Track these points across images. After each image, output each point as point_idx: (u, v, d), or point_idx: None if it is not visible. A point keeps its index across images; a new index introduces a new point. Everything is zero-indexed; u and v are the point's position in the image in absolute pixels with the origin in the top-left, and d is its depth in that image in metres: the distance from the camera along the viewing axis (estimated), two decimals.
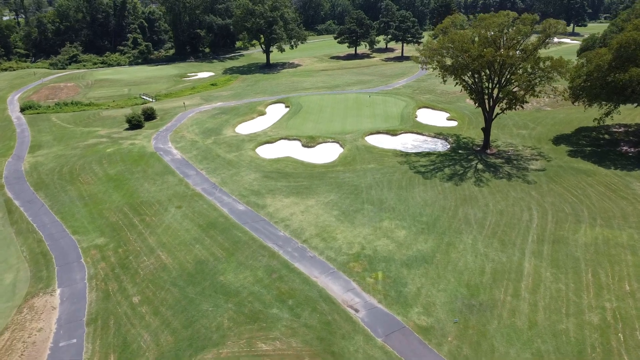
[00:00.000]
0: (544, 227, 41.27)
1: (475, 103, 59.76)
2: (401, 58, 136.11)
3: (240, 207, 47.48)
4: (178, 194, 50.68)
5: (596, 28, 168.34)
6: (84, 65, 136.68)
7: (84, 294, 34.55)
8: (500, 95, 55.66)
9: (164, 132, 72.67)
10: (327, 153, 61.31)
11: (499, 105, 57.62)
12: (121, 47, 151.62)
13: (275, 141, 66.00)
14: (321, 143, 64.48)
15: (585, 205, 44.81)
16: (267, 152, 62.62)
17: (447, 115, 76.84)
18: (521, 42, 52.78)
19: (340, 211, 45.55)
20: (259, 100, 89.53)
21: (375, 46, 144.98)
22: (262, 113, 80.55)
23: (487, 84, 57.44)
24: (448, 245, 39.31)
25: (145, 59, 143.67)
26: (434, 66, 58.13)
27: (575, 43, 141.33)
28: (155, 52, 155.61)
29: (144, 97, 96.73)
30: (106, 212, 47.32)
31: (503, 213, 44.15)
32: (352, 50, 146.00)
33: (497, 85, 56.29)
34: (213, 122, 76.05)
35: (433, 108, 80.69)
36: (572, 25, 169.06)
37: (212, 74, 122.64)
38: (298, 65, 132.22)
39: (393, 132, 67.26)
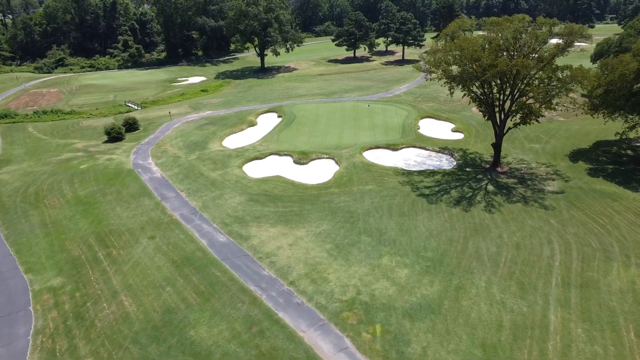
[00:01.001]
0: (568, 266, 35.67)
1: (484, 116, 54.15)
2: (402, 62, 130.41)
3: (221, 238, 41.91)
4: (153, 221, 45.10)
5: (604, 29, 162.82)
6: (71, 69, 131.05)
7: (24, 355, 28.94)
8: (513, 108, 50.01)
9: (145, 145, 67.06)
10: (320, 171, 55.71)
11: (511, 119, 51.99)
12: (111, 50, 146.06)
13: (264, 157, 60.38)
14: (315, 159, 58.85)
15: (615, 237, 39.17)
16: (255, 169, 57.00)
17: (452, 126, 71.22)
18: (537, 49, 47.12)
19: (333, 244, 39.95)
20: (250, 109, 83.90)
21: (374, 49, 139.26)
22: (253, 124, 74.93)
23: (498, 95, 51.86)
24: (458, 289, 33.73)
25: (135, 63, 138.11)
26: (439, 76, 52.49)
27: (584, 46, 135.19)
28: (147, 54, 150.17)
29: (129, 105, 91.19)
30: (69, 243, 41.74)
31: (520, 247, 38.56)
32: (350, 53, 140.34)
33: (510, 97, 50.69)
34: (199, 134, 70.43)
35: (437, 118, 75.06)
36: None
37: (203, 78, 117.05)
38: (294, 69, 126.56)
39: (394, 147, 61.62)
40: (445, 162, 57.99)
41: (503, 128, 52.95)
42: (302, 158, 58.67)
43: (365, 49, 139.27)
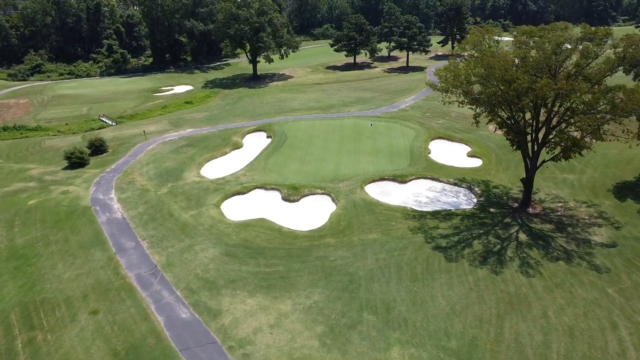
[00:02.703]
0: None
1: (512, 145, 44.64)
2: (406, 69, 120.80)
3: (184, 313, 32.48)
4: (100, 286, 35.64)
5: (620, 32, 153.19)
6: (49, 77, 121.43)
7: None
8: (554, 139, 40.49)
9: (110, 173, 57.50)
10: (314, 212, 46.16)
11: (548, 151, 42.39)
12: (94, 55, 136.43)
13: (247, 191, 50.79)
14: (307, 195, 49.27)
15: None
16: (235, 209, 47.47)
17: (468, 149, 61.60)
18: (585, 66, 37.60)
19: (327, 326, 30.50)
20: (236, 126, 74.27)
21: (376, 54, 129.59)
22: (238, 145, 65.28)
23: (530, 122, 42.39)
24: None
25: (118, 69, 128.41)
26: (457, 96, 43.01)
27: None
28: (134, 59, 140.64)
29: (104, 120, 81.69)
30: None
31: (574, 333, 29.12)
32: (350, 59, 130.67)
33: (546, 124, 41.16)
34: (175, 159, 60.81)
35: (449, 139, 65.46)
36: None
37: (190, 88, 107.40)
38: (289, 77, 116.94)
39: (402, 179, 52.05)
40: (463, 199, 48.43)
41: (536, 161, 43.46)
42: (292, 194, 49.10)
43: (366, 54, 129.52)
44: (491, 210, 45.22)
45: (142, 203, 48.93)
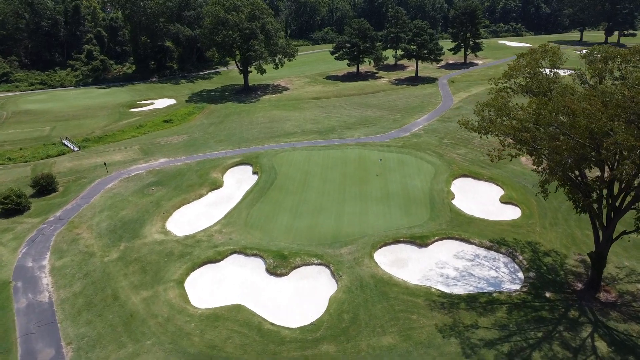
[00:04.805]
0: None
1: (575, 206, 32.94)
2: (415, 79, 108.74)
3: None
4: None
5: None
6: (17, 87, 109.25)
7: None
8: None
9: (52, 224, 45.64)
10: (307, 294, 34.38)
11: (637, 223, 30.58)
12: (72, 62, 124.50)
13: (222, 258, 38.88)
14: (299, 267, 37.37)
15: None
16: (204, 287, 35.66)
17: (500, 192, 49.73)
18: None
19: None
20: (218, 155, 62.18)
21: (382, 63, 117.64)
22: (216, 185, 53.23)
23: (607, 180, 30.64)
24: None
25: (97, 79, 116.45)
26: (505, 144, 31.33)
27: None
28: (118, 66, 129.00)
29: (65, 143, 69.90)
30: None
31: None
32: (352, 68, 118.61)
33: (633, 188, 29.36)
34: (137, 204, 48.88)
35: (475, 177, 53.52)
36: (616, 35, 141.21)
37: (172, 102, 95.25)
38: (284, 89, 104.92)
39: (421, 240, 40.17)
40: (505, 274, 36.57)
41: (612, 232, 31.72)
42: (279, 265, 37.21)
43: (370, 63, 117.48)
44: (547, 294, 33.43)
45: (82, 276, 37.07)
